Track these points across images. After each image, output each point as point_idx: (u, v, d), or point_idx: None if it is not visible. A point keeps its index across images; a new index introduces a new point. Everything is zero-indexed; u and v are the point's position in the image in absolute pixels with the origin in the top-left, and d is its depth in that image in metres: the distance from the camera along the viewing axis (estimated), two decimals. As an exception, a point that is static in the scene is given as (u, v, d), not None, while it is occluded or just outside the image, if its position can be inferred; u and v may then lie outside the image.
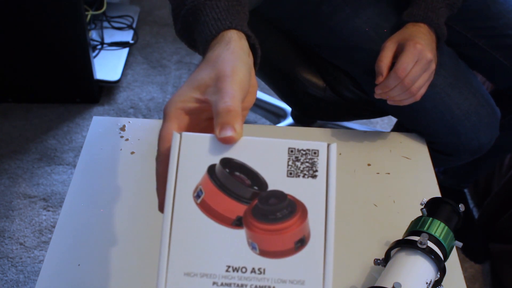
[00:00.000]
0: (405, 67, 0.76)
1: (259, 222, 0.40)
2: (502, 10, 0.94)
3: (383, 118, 1.72)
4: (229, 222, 0.40)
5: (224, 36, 0.51)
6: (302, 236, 0.39)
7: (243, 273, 0.39)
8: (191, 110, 0.47)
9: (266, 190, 0.40)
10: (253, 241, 0.39)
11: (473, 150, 0.91)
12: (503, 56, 0.95)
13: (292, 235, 0.39)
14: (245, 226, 0.39)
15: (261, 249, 0.39)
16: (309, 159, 0.42)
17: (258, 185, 0.40)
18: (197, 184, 0.41)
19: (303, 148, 0.42)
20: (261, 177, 0.41)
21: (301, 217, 0.40)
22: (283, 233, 0.39)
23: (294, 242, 0.39)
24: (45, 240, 1.33)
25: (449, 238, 0.65)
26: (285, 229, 0.40)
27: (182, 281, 0.39)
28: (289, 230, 0.39)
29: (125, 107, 1.72)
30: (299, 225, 0.40)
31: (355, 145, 0.87)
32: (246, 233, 0.39)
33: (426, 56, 0.77)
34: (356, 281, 0.68)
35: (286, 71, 1.03)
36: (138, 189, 0.78)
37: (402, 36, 0.80)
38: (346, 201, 0.78)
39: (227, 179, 0.40)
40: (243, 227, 0.40)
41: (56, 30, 1.54)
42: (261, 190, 0.40)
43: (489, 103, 0.90)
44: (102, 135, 0.87)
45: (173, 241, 0.41)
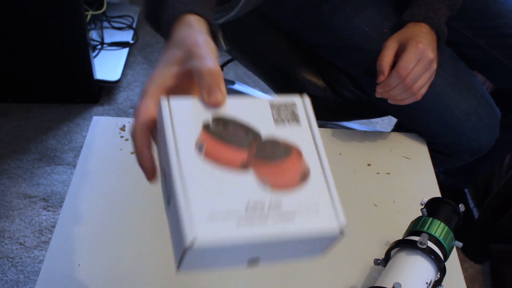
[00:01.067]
0: (407, 66, 0.76)
1: (264, 163, 0.43)
2: (502, 9, 0.94)
3: (383, 118, 1.72)
4: (236, 166, 0.42)
5: (186, 19, 0.52)
6: (304, 170, 0.44)
7: (261, 209, 0.41)
8: (169, 87, 0.48)
9: (261, 139, 0.44)
10: (262, 180, 0.42)
11: (473, 151, 0.91)
12: (503, 56, 0.95)
13: (295, 169, 0.43)
14: (253, 167, 0.42)
15: (271, 185, 0.42)
16: (289, 109, 0.46)
17: (252, 135, 0.44)
18: (196, 140, 0.43)
19: (282, 102, 0.46)
20: (253, 128, 0.44)
21: (298, 155, 0.44)
22: (287, 168, 0.43)
23: (299, 175, 0.43)
24: (45, 240, 1.33)
25: (449, 238, 0.65)
26: (287, 165, 0.43)
27: (209, 225, 0.40)
28: (291, 165, 0.43)
29: (125, 107, 1.72)
30: (298, 160, 0.44)
31: (355, 145, 0.87)
32: (254, 174, 0.42)
33: (427, 56, 0.77)
34: (356, 281, 0.68)
35: (286, 71, 1.03)
36: (138, 189, 0.78)
37: (404, 35, 0.80)
38: (346, 201, 0.78)
39: (224, 132, 0.43)
40: (250, 169, 0.42)
41: (56, 30, 1.54)
42: (256, 139, 0.44)
43: (489, 104, 0.90)
44: (102, 135, 0.87)
45: (190, 192, 0.41)
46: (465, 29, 0.96)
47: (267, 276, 0.68)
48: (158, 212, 0.75)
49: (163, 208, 0.77)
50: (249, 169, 0.42)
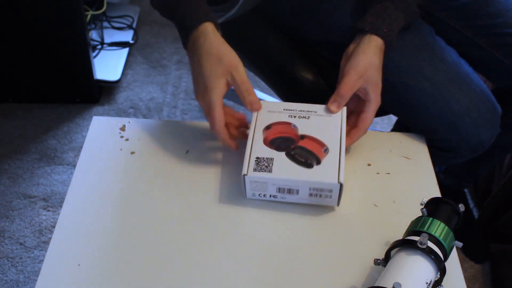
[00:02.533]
0: (370, 122, 0.81)
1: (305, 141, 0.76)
2: (501, 8, 0.94)
3: (383, 118, 1.72)
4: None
5: (205, 30, 0.77)
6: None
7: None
8: (223, 95, 0.76)
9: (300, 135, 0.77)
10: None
11: (474, 147, 0.91)
12: (503, 55, 0.95)
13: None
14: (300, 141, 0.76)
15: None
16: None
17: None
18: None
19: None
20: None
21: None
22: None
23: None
24: (45, 240, 1.33)
25: (449, 238, 0.65)
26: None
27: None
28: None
29: (125, 107, 1.72)
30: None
31: (355, 145, 0.87)
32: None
33: (379, 103, 0.81)
34: (356, 281, 0.68)
35: (286, 70, 1.03)
36: (138, 189, 0.78)
37: (368, 73, 0.79)
38: (346, 201, 0.78)
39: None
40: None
41: (56, 30, 1.54)
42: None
43: (490, 99, 0.90)
44: (102, 135, 0.87)
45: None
46: (464, 29, 0.96)
47: (267, 275, 0.68)
48: (158, 212, 0.76)
49: (163, 208, 0.78)
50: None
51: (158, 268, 0.69)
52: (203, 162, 0.82)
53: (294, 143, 0.75)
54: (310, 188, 0.72)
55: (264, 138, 0.76)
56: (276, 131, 0.77)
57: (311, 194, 0.73)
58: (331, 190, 0.72)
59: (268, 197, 0.75)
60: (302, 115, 0.79)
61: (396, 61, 0.87)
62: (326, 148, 0.74)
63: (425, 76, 0.86)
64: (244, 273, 0.69)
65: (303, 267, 0.70)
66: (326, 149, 0.74)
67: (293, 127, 0.77)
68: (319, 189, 0.72)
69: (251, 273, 0.69)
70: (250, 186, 0.74)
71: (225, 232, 0.73)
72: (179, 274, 0.68)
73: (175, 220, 0.74)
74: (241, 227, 0.74)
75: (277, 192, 0.74)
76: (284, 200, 0.76)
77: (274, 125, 0.77)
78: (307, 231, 0.74)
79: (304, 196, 0.74)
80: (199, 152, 0.84)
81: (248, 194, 0.76)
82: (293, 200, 0.75)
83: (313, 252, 0.71)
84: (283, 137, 0.76)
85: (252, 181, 0.73)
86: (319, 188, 0.72)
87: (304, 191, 0.73)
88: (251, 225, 0.75)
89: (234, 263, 0.70)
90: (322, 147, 0.74)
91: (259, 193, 0.75)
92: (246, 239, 0.73)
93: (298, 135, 0.76)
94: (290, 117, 0.79)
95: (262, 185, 0.73)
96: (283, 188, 0.73)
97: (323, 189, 0.72)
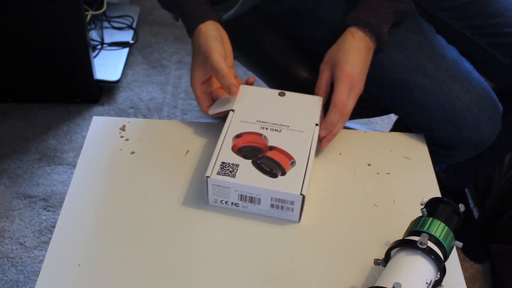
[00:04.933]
0: (343, 100, 0.80)
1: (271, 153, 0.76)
2: (501, 8, 0.94)
3: (383, 118, 1.72)
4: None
5: (202, 29, 0.82)
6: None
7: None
8: (203, 81, 0.84)
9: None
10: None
11: (475, 144, 0.91)
12: (502, 55, 0.95)
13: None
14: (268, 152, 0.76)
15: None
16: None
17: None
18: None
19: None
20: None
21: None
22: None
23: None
24: (45, 240, 1.33)
25: (449, 238, 0.65)
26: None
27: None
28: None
29: (125, 107, 1.72)
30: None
31: (355, 145, 0.87)
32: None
33: (358, 86, 0.81)
34: (356, 281, 0.68)
35: (285, 70, 1.03)
36: (138, 189, 0.78)
37: (334, 58, 0.82)
38: (346, 201, 0.78)
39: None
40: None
41: (56, 30, 1.54)
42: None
43: (491, 96, 0.90)
44: (102, 135, 0.87)
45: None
46: (464, 28, 0.96)
47: (266, 276, 0.68)
48: (158, 212, 0.76)
49: (163, 208, 0.78)
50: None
51: (158, 268, 0.69)
52: (203, 162, 0.82)
53: (261, 153, 0.75)
54: (272, 198, 0.72)
55: (233, 146, 0.76)
56: (246, 140, 0.77)
57: (272, 205, 0.73)
58: (293, 202, 0.72)
59: (230, 204, 0.75)
60: (274, 128, 0.79)
61: (396, 58, 0.87)
62: (293, 161, 0.74)
63: (426, 73, 0.86)
64: (243, 272, 0.69)
65: (303, 267, 0.70)
66: (293, 162, 0.74)
67: (264, 138, 0.78)
68: (281, 200, 0.72)
69: (250, 272, 0.69)
70: (212, 190, 0.74)
71: (227, 231, 0.73)
72: (180, 274, 0.68)
73: (176, 220, 0.74)
74: (241, 225, 0.74)
75: (239, 199, 0.74)
76: (245, 209, 0.75)
77: (244, 134, 0.78)
78: (307, 231, 0.74)
79: (266, 207, 0.74)
80: (199, 152, 0.84)
81: (210, 199, 0.75)
82: (254, 210, 0.75)
83: (313, 252, 0.71)
84: (252, 146, 0.76)
85: (214, 185, 0.73)
86: (281, 199, 0.72)
87: (266, 201, 0.73)
88: (252, 224, 0.75)
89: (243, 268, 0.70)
90: (289, 160, 0.74)
91: (221, 200, 0.75)
92: (250, 235, 0.73)
93: (267, 145, 0.77)
94: (262, 128, 0.79)
95: (224, 190, 0.73)
96: (245, 195, 0.73)
97: (285, 200, 0.72)
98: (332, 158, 0.85)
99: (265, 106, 0.82)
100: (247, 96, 0.83)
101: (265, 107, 0.82)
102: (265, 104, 0.83)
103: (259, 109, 0.82)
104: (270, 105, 0.82)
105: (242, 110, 0.81)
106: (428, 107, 0.87)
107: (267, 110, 0.82)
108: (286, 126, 0.79)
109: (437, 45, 0.89)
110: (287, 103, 0.83)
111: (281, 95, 0.84)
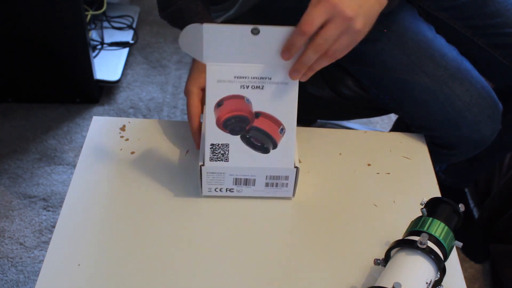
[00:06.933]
0: (311, 20, 0.61)
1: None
2: (500, 8, 0.94)
3: (383, 118, 1.72)
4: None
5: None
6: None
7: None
8: (202, 86, 0.78)
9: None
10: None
11: (475, 143, 0.91)
12: (502, 55, 0.95)
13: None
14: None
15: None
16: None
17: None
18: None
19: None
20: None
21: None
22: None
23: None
24: (45, 240, 1.33)
25: (449, 238, 0.65)
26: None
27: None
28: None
29: (125, 107, 1.72)
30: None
31: (355, 145, 0.87)
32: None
33: (343, 13, 0.61)
34: (356, 281, 0.68)
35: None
36: (138, 189, 0.78)
37: None
38: (346, 201, 0.78)
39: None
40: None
41: (56, 30, 1.54)
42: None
43: (491, 95, 0.90)
44: (102, 135, 0.87)
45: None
46: (464, 29, 0.96)
47: (266, 276, 0.68)
48: (158, 212, 0.75)
49: (163, 208, 0.78)
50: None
51: (158, 268, 0.69)
52: (203, 162, 0.82)
53: (248, 123, 0.71)
54: (266, 176, 0.73)
55: (217, 119, 0.70)
56: (229, 109, 0.70)
57: (267, 183, 0.74)
58: (287, 176, 0.73)
59: (224, 191, 0.75)
60: (255, 85, 0.69)
61: (396, 57, 0.87)
62: (282, 128, 0.71)
63: (426, 72, 0.86)
64: (243, 272, 0.69)
65: (303, 267, 0.70)
66: (282, 129, 0.71)
67: (247, 101, 0.70)
68: (276, 177, 0.73)
69: (250, 272, 0.69)
70: (207, 178, 0.73)
71: (228, 232, 0.73)
72: (181, 274, 0.68)
73: (176, 220, 0.74)
74: (242, 224, 0.74)
75: (234, 184, 0.74)
76: (240, 194, 0.76)
77: (226, 101, 0.70)
78: (307, 231, 0.74)
79: (260, 187, 0.75)
80: (199, 152, 0.84)
81: (204, 189, 0.75)
82: (249, 193, 0.76)
83: (313, 252, 0.71)
84: (237, 116, 0.70)
85: (209, 173, 0.72)
86: (275, 176, 0.73)
87: (261, 180, 0.74)
88: (256, 222, 0.75)
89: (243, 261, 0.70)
90: (278, 127, 0.71)
91: (215, 188, 0.75)
92: (251, 236, 0.73)
93: (253, 112, 0.70)
94: (242, 87, 0.69)
95: (219, 177, 0.73)
96: (240, 178, 0.74)
97: (280, 176, 0.73)
98: (332, 158, 0.85)
99: (239, 53, 0.67)
100: (217, 42, 0.66)
101: (240, 55, 0.67)
102: (239, 50, 0.67)
103: (233, 59, 0.68)
104: (245, 51, 0.67)
105: (216, 65, 0.68)
106: (428, 106, 0.87)
107: (243, 58, 0.68)
108: (268, 78, 0.69)
109: (437, 44, 0.89)
110: (264, 43, 0.66)
111: (254, 32, 0.65)
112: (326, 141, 0.88)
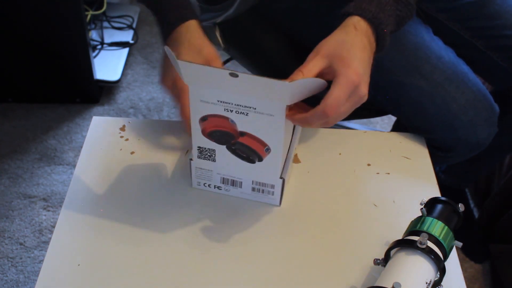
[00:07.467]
0: (336, 106, 0.63)
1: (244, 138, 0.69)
2: (499, 10, 0.94)
3: (383, 118, 1.72)
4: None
5: (189, 26, 0.76)
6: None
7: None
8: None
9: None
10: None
11: (471, 145, 0.91)
12: (500, 57, 0.95)
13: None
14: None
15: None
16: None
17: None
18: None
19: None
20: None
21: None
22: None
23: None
24: (45, 240, 1.33)
25: (449, 238, 0.65)
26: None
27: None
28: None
29: (125, 107, 1.72)
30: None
31: (355, 145, 0.87)
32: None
33: (360, 93, 0.65)
34: (356, 281, 0.68)
35: (284, 71, 1.02)
36: (138, 189, 0.78)
37: (335, 51, 0.67)
38: (346, 201, 0.78)
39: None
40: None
41: (56, 30, 1.54)
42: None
43: (487, 98, 0.90)
44: (102, 135, 0.87)
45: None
46: (462, 31, 0.96)
47: (266, 276, 0.68)
48: (158, 212, 0.75)
49: (163, 208, 0.77)
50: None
51: (158, 268, 0.69)
52: (203, 162, 0.82)
53: (234, 139, 0.69)
54: (253, 181, 0.74)
55: (202, 130, 0.70)
56: (213, 124, 0.68)
57: (253, 188, 0.75)
58: (273, 185, 0.74)
59: (212, 188, 0.77)
60: (239, 111, 0.66)
61: (395, 59, 0.87)
62: (267, 148, 0.69)
63: (422, 74, 0.86)
64: (243, 272, 0.69)
65: (303, 267, 0.70)
66: (267, 149, 0.69)
67: (231, 122, 0.68)
68: (262, 184, 0.74)
69: (250, 272, 0.69)
70: (196, 173, 0.76)
71: (229, 231, 0.73)
72: (181, 274, 0.68)
73: (176, 219, 0.74)
74: (245, 224, 0.74)
75: (221, 183, 0.76)
76: (228, 193, 0.77)
77: (210, 117, 0.68)
78: (306, 231, 0.74)
79: (247, 190, 0.75)
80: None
81: (193, 182, 0.78)
82: (236, 194, 0.77)
83: (313, 252, 0.71)
84: (222, 131, 0.69)
85: (197, 168, 0.75)
86: (261, 183, 0.74)
87: (247, 183, 0.75)
88: (256, 222, 0.75)
89: (247, 265, 0.70)
90: (263, 146, 0.69)
91: (204, 183, 0.77)
92: (251, 236, 0.73)
93: (238, 131, 0.68)
94: (226, 110, 0.66)
95: (207, 173, 0.75)
96: (227, 178, 0.75)
97: (266, 184, 0.74)
98: (332, 158, 0.85)
99: (221, 85, 0.64)
100: (195, 77, 0.65)
101: (221, 86, 0.64)
102: (220, 83, 0.64)
103: (215, 87, 0.65)
104: (226, 85, 0.64)
105: (198, 88, 0.66)
106: (424, 108, 0.87)
107: (225, 89, 0.65)
108: (252, 108, 0.65)
109: (434, 46, 0.89)
110: (244, 84, 0.63)
111: (233, 75, 0.61)
112: (326, 141, 0.88)
